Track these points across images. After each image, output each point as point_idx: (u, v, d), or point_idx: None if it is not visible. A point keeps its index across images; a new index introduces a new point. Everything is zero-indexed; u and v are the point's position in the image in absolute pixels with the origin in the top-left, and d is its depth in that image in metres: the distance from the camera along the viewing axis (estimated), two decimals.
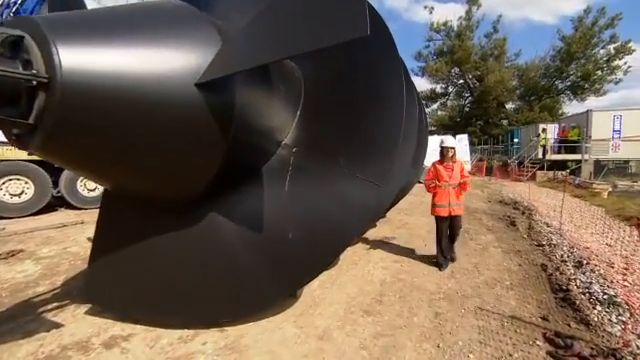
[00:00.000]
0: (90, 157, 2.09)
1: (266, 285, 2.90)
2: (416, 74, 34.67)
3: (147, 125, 2.05)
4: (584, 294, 3.39)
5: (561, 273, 3.93)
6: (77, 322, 3.03)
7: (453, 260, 4.52)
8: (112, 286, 2.96)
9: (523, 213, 8.01)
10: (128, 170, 2.26)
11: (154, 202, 2.72)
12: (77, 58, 1.75)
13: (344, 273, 4.30)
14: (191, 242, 2.89)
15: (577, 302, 3.14)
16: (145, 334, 2.84)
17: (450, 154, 4.29)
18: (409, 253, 5.08)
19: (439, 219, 4.39)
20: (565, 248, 5.00)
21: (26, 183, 8.49)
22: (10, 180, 8.30)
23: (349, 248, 5.30)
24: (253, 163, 2.96)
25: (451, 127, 30.85)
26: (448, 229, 4.47)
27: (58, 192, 9.07)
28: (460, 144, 17.17)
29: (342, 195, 2.85)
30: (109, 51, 1.89)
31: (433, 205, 4.39)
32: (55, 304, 3.39)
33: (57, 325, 2.96)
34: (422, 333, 2.85)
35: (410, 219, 7.63)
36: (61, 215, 8.73)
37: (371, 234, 6.17)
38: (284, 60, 3.46)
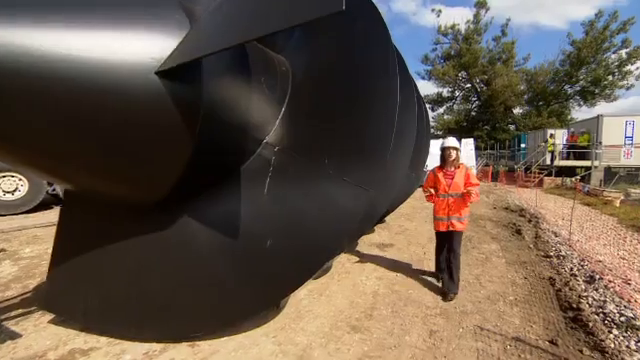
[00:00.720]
0: (16, 149, 1.84)
1: (243, 296, 2.63)
2: (423, 77, 34.50)
3: (95, 117, 1.80)
4: (597, 314, 3.06)
5: (571, 289, 3.59)
6: (37, 332, 2.79)
7: (451, 295, 3.51)
8: (74, 294, 2.72)
9: (529, 221, 7.64)
10: (71, 166, 2.01)
11: (115, 203, 2.47)
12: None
13: (335, 282, 4.01)
14: (161, 248, 2.64)
15: (590, 324, 2.80)
16: (108, 348, 2.59)
17: (452, 157, 3.58)
18: (407, 262, 4.77)
19: (438, 233, 3.87)
20: (575, 260, 4.64)
21: (20, 180, 8.36)
22: (4, 177, 8.17)
23: (342, 255, 5.02)
24: (229, 162, 2.70)
25: (457, 131, 30.38)
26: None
27: (53, 190, 8.94)
28: (466, 148, 16.82)
29: (328, 200, 2.57)
30: (46, 29, 1.64)
31: (434, 217, 3.80)
32: (20, 311, 3.16)
33: (14, 335, 2.72)
34: (413, 355, 2.54)
35: (411, 225, 7.31)
36: (54, 213, 8.58)
37: (368, 240, 5.88)
38: (269, 52, 3.23)
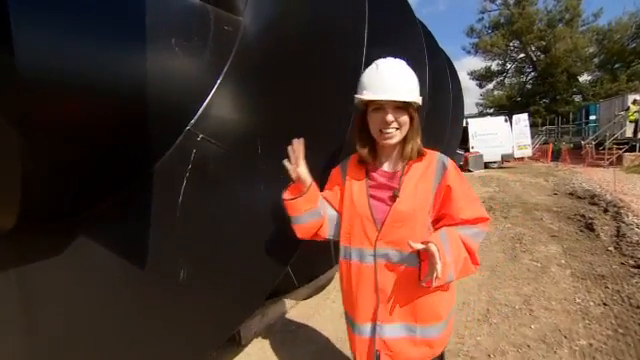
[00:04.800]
0: None
1: (160, 344, 1.89)
2: (468, 52, 31.43)
3: None
4: None
5: None
6: None
7: None
8: None
9: (606, 211, 5.90)
10: None
11: None
12: None
13: (328, 305, 3.13)
14: (46, 284, 1.98)
15: None
16: None
17: (390, 130, 1.12)
18: None
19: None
20: None
21: None
22: None
23: None
24: (131, 161, 1.93)
25: (510, 108, 27.04)
26: None
27: None
28: (518, 125, 14.53)
29: (258, 209, 1.69)
30: None
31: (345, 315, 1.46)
32: None
33: None
34: None
35: None
36: None
37: None
38: (199, 5, 2.39)
